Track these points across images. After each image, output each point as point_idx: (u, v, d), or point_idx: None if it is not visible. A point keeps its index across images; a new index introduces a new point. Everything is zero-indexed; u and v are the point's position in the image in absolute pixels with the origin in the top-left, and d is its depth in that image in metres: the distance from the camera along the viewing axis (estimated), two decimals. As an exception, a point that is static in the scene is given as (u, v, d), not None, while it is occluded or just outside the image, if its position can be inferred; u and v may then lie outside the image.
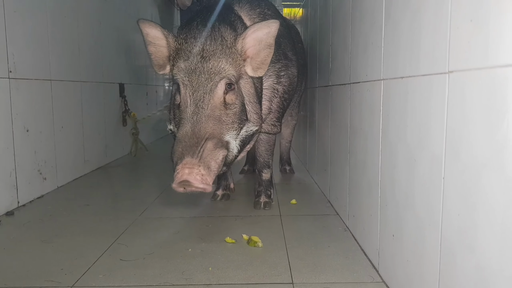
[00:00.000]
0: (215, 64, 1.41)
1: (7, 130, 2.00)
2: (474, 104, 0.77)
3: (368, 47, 1.42)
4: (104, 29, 3.30)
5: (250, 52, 1.51)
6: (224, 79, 1.42)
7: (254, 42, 1.50)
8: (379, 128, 1.29)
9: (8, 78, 2.01)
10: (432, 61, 0.94)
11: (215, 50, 1.43)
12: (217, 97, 1.41)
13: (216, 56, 1.42)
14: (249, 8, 1.78)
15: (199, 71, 1.40)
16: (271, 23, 1.49)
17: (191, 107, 1.38)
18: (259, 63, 1.53)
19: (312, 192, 2.34)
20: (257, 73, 1.55)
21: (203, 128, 1.34)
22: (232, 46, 1.46)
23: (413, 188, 1.04)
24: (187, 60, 1.42)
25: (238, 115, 1.47)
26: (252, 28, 1.48)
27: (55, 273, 1.34)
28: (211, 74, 1.40)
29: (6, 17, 1.99)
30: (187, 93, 1.40)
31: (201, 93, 1.38)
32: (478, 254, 0.76)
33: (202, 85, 1.38)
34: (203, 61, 1.41)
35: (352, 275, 1.30)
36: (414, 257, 1.04)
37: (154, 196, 2.27)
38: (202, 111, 1.37)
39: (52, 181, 2.40)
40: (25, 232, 1.73)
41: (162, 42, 1.52)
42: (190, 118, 1.36)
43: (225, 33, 1.47)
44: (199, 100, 1.38)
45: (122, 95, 3.60)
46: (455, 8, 0.84)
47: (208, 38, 1.43)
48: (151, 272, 1.34)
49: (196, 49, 1.42)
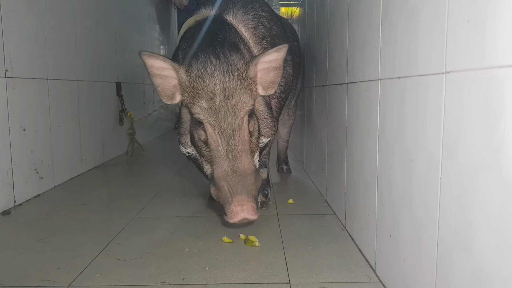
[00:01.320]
0: (238, 100, 1.42)
1: (4, 129, 1.99)
2: (471, 105, 0.77)
3: (365, 47, 1.42)
4: (101, 28, 3.29)
5: (260, 74, 1.53)
6: (247, 113, 1.45)
7: (264, 65, 1.52)
8: (376, 128, 1.30)
9: (5, 77, 2.00)
10: (429, 62, 0.94)
11: (235, 87, 1.43)
12: (244, 131, 1.45)
13: (237, 93, 1.43)
14: (243, 13, 1.77)
15: (224, 110, 1.41)
16: (281, 48, 1.51)
17: (223, 146, 1.41)
18: (269, 83, 1.55)
19: (309, 191, 2.34)
20: (267, 91, 1.57)
21: (241, 164, 1.40)
22: (248, 77, 1.47)
23: (410, 188, 1.05)
24: (210, 100, 1.41)
25: (258, 137, 1.56)
26: (263, 55, 1.50)
27: (51, 273, 1.34)
28: (236, 111, 1.42)
29: (2, 16, 1.98)
30: (216, 133, 1.42)
31: (230, 131, 1.41)
32: (475, 255, 0.76)
33: (230, 124, 1.41)
34: (226, 100, 1.41)
35: (349, 275, 1.31)
36: (411, 257, 1.04)
37: (151, 196, 2.26)
38: (235, 148, 1.41)
39: (48, 180, 2.39)
40: (22, 231, 1.73)
41: (169, 73, 1.47)
42: (225, 157, 1.41)
43: (238, 64, 1.46)
44: (229, 138, 1.41)
45: (119, 94, 3.59)
46: (452, 9, 0.84)
47: (225, 74, 1.43)
48: (148, 272, 1.34)
49: (217, 88, 1.41)
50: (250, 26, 1.76)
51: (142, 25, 4.65)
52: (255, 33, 1.76)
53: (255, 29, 1.76)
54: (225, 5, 1.79)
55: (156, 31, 5.26)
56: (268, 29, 1.82)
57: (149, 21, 4.92)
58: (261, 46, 1.77)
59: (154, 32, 5.18)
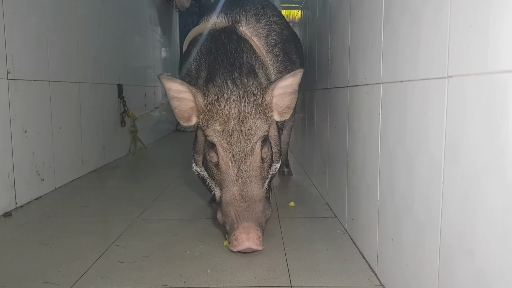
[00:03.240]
0: (252, 125, 1.42)
1: (6, 131, 2.00)
2: (474, 109, 0.77)
3: (367, 51, 1.42)
4: (103, 30, 3.30)
5: (276, 100, 1.54)
6: (260, 138, 1.45)
7: (280, 91, 1.52)
8: (378, 132, 1.30)
9: (7, 79, 2.00)
10: (431, 66, 0.94)
11: (250, 111, 1.43)
12: (256, 156, 1.44)
13: (252, 117, 1.43)
14: (255, 21, 1.77)
15: (237, 134, 1.41)
16: (296, 73, 1.52)
17: (234, 169, 1.40)
18: (284, 108, 1.56)
19: (311, 194, 2.34)
20: (283, 117, 1.58)
21: (250, 190, 1.39)
22: (263, 103, 1.48)
23: (412, 192, 1.04)
24: (224, 123, 1.42)
25: (270, 164, 1.55)
26: (279, 81, 1.50)
27: (53, 275, 1.34)
28: (249, 136, 1.42)
29: (5, 18, 1.98)
30: (227, 156, 1.42)
31: (242, 155, 1.40)
32: (478, 259, 0.76)
33: (242, 148, 1.41)
34: (240, 124, 1.41)
35: (351, 279, 1.30)
36: (413, 261, 1.04)
37: (152, 198, 2.26)
38: (246, 173, 1.40)
39: (50, 182, 2.39)
40: (23, 234, 1.73)
41: (187, 95, 1.50)
42: (235, 181, 1.40)
43: (255, 90, 1.47)
44: (241, 163, 1.40)
45: (120, 96, 3.60)
46: (454, 13, 0.84)
47: (241, 100, 1.43)
48: (149, 275, 1.34)
49: (231, 112, 1.42)
50: (262, 35, 1.77)
51: (144, 27, 4.66)
52: (267, 41, 1.77)
53: (267, 37, 1.77)
54: (236, 13, 1.79)
55: (157, 33, 5.27)
56: (280, 34, 1.84)
57: (150, 23, 4.94)
58: (273, 54, 1.78)
59: (156, 35, 5.19)
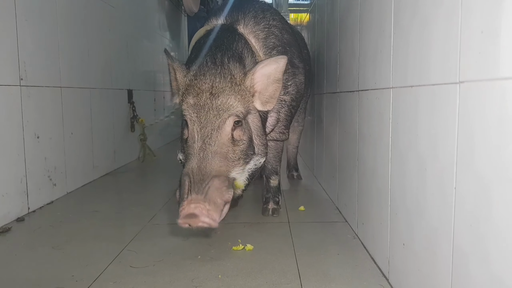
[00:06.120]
0: (224, 101, 1.41)
1: (18, 137, 2.02)
2: (486, 115, 0.77)
3: (377, 55, 1.42)
4: (113, 36, 3.33)
5: (259, 87, 1.52)
6: (232, 116, 1.42)
7: (263, 77, 1.51)
8: (389, 136, 1.29)
9: (20, 85, 2.03)
10: (442, 71, 0.94)
11: (224, 87, 1.43)
12: (225, 133, 1.40)
13: (225, 93, 1.42)
14: (253, 23, 1.78)
15: (207, 107, 1.40)
16: (279, 59, 1.51)
17: (198, 143, 1.37)
18: (268, 97, 1.55)
19: (320, 198, 2.33)
20: (266, 107, 1.56)
21: (209, 164, 1.33)
22: (242, 83, 1.47)
23: (424, 197, 1.04)
24: (196, 96, 1.42)
25: (245, 151, 1.47)
26: (261, 64, 1.50)
27: (66, 280, 1.35)
28: (219, 110, 1.40)
29: (18, 26, 2.02)
30: (194, 129, 1.40)
31: (209, 129, 1.38)
32: (492, 265, 0.76)
33: (210, 122, 1.39)
34: (212, 97, 1.41)
35: (362, 284, 1.30)
36: (425, 267, 1.04)
37: (163, 202, 2.28)
38: (209, 148, 1.36)
39: (61, 187, 2.42)
40: (36, 238, 1.75)
41: (173, 72, 1.58)
42: (197, 154, 1.36)
43: (234, 70, 1.48)
44: (206, 137, 1.37)
45: (130, 101, 3.63)
46: (465, 19, 0.84)
47: (217, 76, 1.44)
48: (161, 280, 1.35)
49: (205, 86, 1.43)
50: (261, 36, 1.77)
51: (153, 32, 4.69)
52: (265, 43, 1.77)
53: (265, 40, 1.77)
54: (236, 14, 1.81)
55: (166, 39, 5.30)
56: (279, 38, 1.83)
57: (159, 28, 4.97)
58: (271, 56, 1.77)
59: (165, 40, 5.23)
